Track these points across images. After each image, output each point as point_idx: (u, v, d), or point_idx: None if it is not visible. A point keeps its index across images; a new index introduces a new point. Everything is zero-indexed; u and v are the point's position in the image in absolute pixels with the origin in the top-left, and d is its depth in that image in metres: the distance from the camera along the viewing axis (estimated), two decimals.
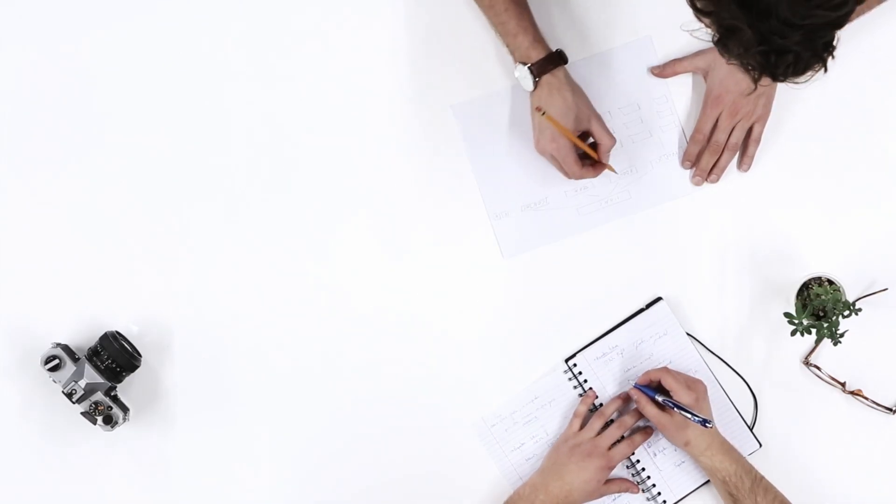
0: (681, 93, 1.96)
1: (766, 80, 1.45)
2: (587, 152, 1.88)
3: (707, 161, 1.94)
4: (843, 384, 1.92)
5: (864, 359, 1.93)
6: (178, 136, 1.95)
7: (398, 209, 1.95)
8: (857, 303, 1.85)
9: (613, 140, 1.88)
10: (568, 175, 1.88)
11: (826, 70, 1.44)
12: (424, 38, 1.94)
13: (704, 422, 1.82)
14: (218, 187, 1.95)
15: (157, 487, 1.94)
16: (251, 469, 1.94)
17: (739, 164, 1.95)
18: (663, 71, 1.95)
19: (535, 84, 1.85)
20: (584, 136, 1.89)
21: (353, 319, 1.95)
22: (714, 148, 1.93)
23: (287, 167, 1.95)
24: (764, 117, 1.92)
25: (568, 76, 1.86)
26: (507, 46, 1.87)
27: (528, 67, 1.84)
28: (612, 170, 1.91)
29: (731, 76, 1.89)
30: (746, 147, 1.94)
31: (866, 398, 1.92)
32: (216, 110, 1.95)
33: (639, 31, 1.95)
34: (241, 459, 1.94)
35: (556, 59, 1.85)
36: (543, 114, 1.82)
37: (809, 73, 1.44)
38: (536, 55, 1.84)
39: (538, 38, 1.85)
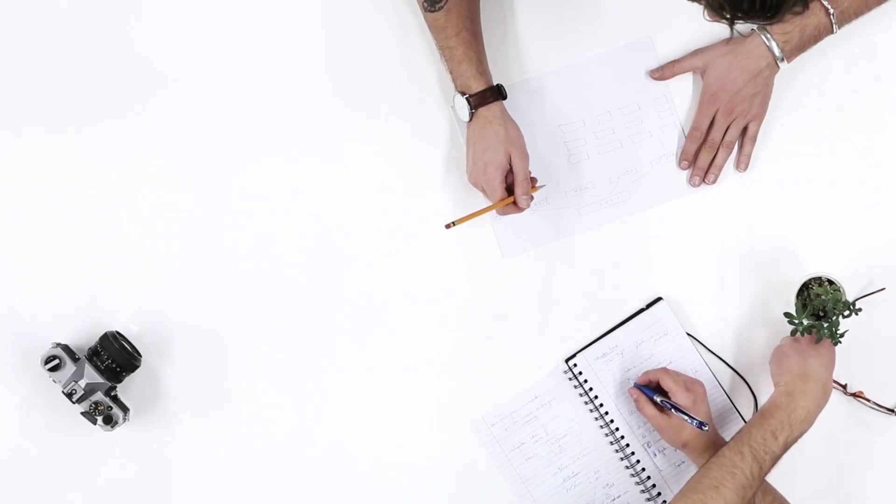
0: (680, 93, 1.96)
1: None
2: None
3: (704, 159, 1.94)
4: (844, 386, 1.92)
5: (864, 359, 1.93)
6: (178, 137, 1.95)
7: (398, 209, 1.95)
8: (856, 303, 1.85)
9: (527, 188, 1.84)
10: (526, 187, 1.85)
11: (805, 8, 1.43)
12: (424, 39, 1.94)
13: (701, 424, 1.82)
14: (218, 187, 1.95)
15: (157, 487, 1.94)
16: (251, 469, 1.94)
17: (737, 164, 1.96)
18: (662, 73, 1.95)
19: (471, 115, 1.84)
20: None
21: (353, 319, 1.95)
22: (710, 146, 1.93)
23: (287, 167, 1.95)
24: (760, 116, 1.92)
25: (503, 111, 1.85)
26: (450, 72, 1.86)
27: (467, 98, 1.84)
28: (520, 206, 1.86)
29: (728, 74, 1.89)
30: (743, 146, 1.95)
31: (868, 400, 1.92)
32: (216, 110, 1.95)
33: (639, 31, 1.95)
34: (241, 459, 1.94)
35: (495, 94, 1.84)
36: (451, 225, 1.84)
37: (783, 14, 1.43)
38: (477, 87, 1.83)
39: (482, 69, 1.84)
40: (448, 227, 1.83)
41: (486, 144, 1.84)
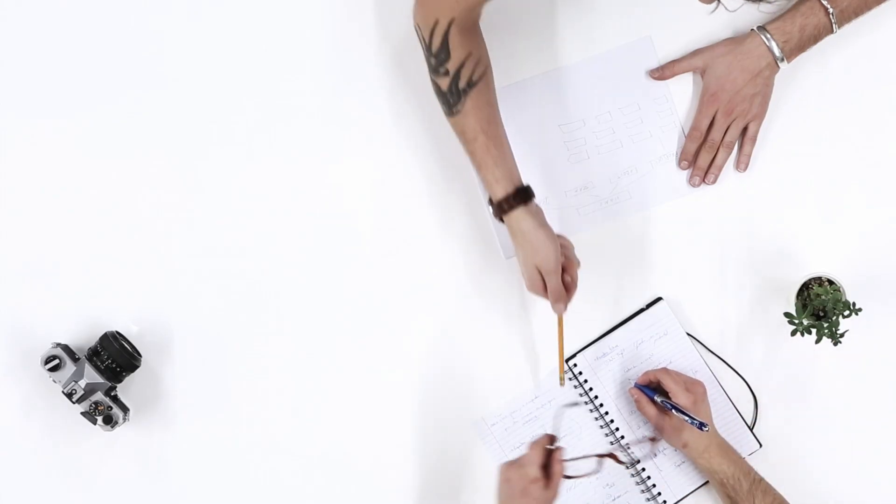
0: (681, 93, 1.96)
1: None
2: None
3: (704, 159, 1.94)
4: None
5: (865, 359, 1.94)
6: (178, 137, 1.95)
7: (399, 209, 1.95)
8: (856, 303, 1.85)
9: (559, 297, 1.82)
10: (556, 297, 1.82)
11: None
12: None
13: (701, 425, 1.82)
14: (218, 187, 1.95)
15: (157, 487, 1.94)
16: (251, 469, 1.94)
17: (737, 164, 1.96)
18: (662, 73, 1.95)
19: (501, 222, 1.81)
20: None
21: (353, 319, 1.95)
22: (710, 146, 1.93)
23: (287, 167, 1.95)
24: (760, 116, 1.92)
25: (527, 219, 1.78)
26: (478, 176, 1.83)
27: (490, 205, 1.81)
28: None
29: (728, 75, 1.89)
30: (743, 146, 1.95)
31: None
32: (216, 110, 1.95)
33: (639, 31, 1.95)
34: (241, 459, 1.94)
35: (518, 199, 1.78)
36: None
37: None
38: (495, 194, 1.79)
39: (499, 175, 1.78)
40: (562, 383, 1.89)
41: (521, 258, 1.81)
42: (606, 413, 1.94)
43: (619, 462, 1.89)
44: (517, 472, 1.76)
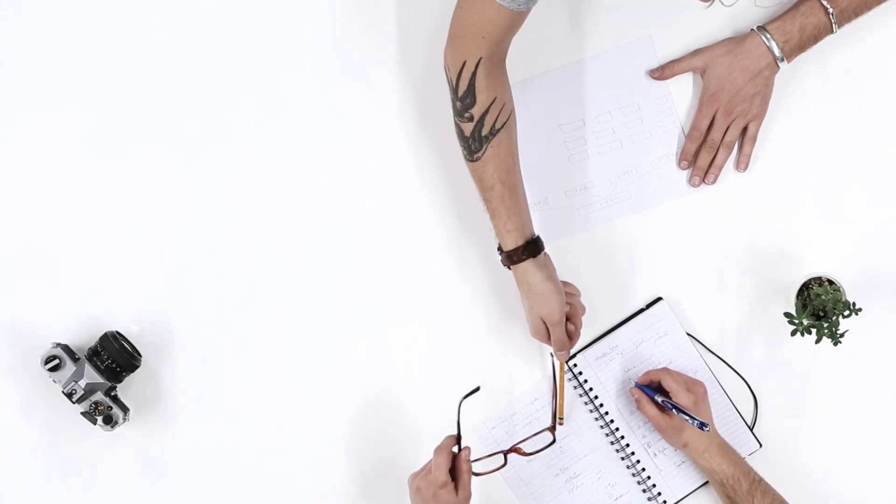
0: (680, 93, 1.96)
1: None
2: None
3: (704, 159, 1.94)
4: None
5: (865, 359, 1.93)
6: (178, 137, 1.95)
7: (398, 209, 1.95)
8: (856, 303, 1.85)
9: (562, 346, 1.85)
10: (560, 347, 1.85)
11: None
12: (425, 39, 1.94)
13: (702, 425, 1.82)
14: (218, 187, 1.95)
15: (157, 487, 1.94)
16: (251, 468, 1.94)
17: (737, 164, 1.96)
18: (662, 73, 1.95)
19: (509, 268, 1.83)
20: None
21: (353, 319, 1.95)
22: (710, 146, 1.93)
23: (287, 167, 1.95)
24: (759, 116, 1.92)
25: (533, 271, 1.80)
26: (491, 224, 1.83)
27: (499, 252, 1.83)
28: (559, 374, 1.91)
29: (728, 75, 1.89)
30: (743, 146, 1.95)
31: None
32: (216, 110, 1.95)
33: (639, 31, 1.95)
34: (241, 459, 1.94)
35: (527, 251, 1.80)
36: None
37: None
38: (505, 244, 1.81)
39: (512, 226, 1.80)
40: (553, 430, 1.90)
41: (526, 307, 1.84)
42: (606, 413, 1.94)
43: (525, 454, 1.88)
44: (424, 480, 1.77)
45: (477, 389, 1.82)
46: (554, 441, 1.89)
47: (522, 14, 1.73)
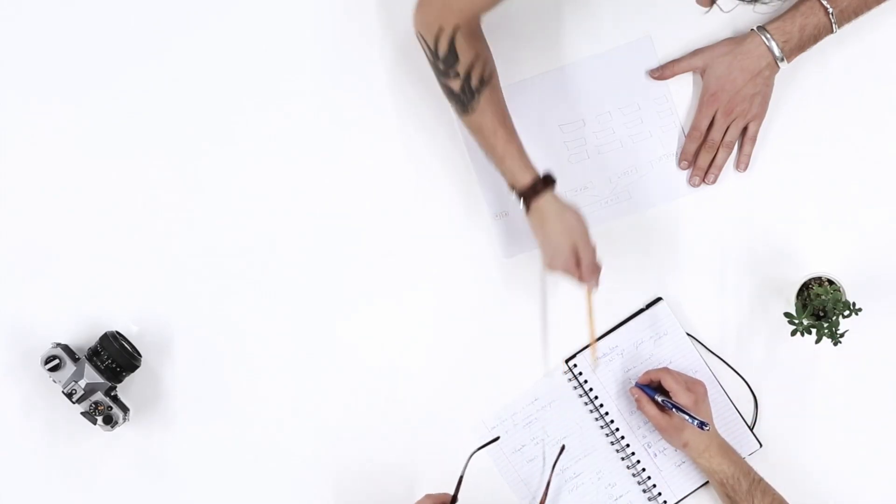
0: (680, 93, 1.96)
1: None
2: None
3: (704, 159, 1.94)
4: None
5: (865, 359, 1.93)
6: (178, 137, 1.95)
7: (398, 209, 1.95)
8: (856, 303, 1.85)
9: (592, 273, 1.84)
10: (586, 275, 1.84)
11: None
12: None
13: (702, 424, 1.82)
14: (218, 188, 1.95)
15: (157, 487, 1.94)
16: (251, 469, 1.94)
17: (737, 164, 1.96)
18: (662, 73, 1.95)
19: (527, 208, 1.82)
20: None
21: (353, 319, 1.95)
22: (710, 146, 1.93)
23: (286, 168, 1.95)
24: (759, 116, 1.93)
25: (556, 200, 1.81)
26: (497, 169, 1.84)
27: (517, 194, 1.82)
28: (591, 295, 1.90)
29: (728, 75, 1.89)
30: (743, 146, 1.95)
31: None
32: (216, 111, 1.96)
33: (639, 31, 1.95)
34: (241, 459, 1.94)
35: (545, 184, 1.81)
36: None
37: None
38: (524, 180, 1.81)
39: (525, 162, 1.81)
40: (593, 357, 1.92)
41: (554, 239, 1.82)
42: (606, 413, 1.94)
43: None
44: None
45: (496, 439, 1.89)
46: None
47: (496, 2, 1.75)
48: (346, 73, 1.96)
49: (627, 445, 1.94)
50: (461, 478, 1.86)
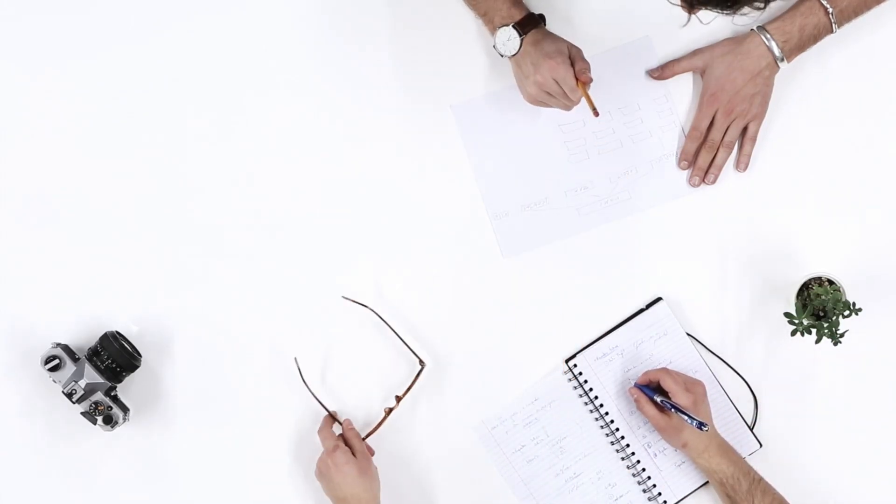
0: (680, 93, 1.96)
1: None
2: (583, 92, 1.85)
3: (704, 159, 1.94)
4: None
5: (865, 359, 1.93)
6: (178, 137, 1.95)
7: (398, 209, 1.95)
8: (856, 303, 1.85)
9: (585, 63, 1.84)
10: (568, 101, 1.83)
11: (766, 4, 1.46)
12: (424, 38, 1.94)
13: (701, 424, 1.82)
14: (218, 188, 1.95)
15: (157, 487, 1.94)
16: (251, 469, 1.94)
17: (737, 164, 1.96)
18: (662, 72, 1.95)
19: (521, 44, 1.82)
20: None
21: (353, 319, 1.95)
22: (710, 146, 1.93)
23: (286, 168, 1.95)
24: (759, 116, 1.92)
25: (548, 31, 1.85)
26: (486, 14, 1.84)
27: (513, 26, 1.82)
28: (592, 105, 1.85)
29: (728, 74, 1.89)
30: (743, 146, 1.95)
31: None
32: (216, 111, 1.96)
33: (638, 31, 1.95)
34: (241, 459, 1.94)
35: (537, 20, 1.84)
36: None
37: (741, 6, 1.46)
38: (519, 14, 1.82)
39: (517, 1, 1.84)
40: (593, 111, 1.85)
41: (545, 46, 1.82)
42: (607, 413, 1.94)
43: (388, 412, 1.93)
44: (320, 460, 1.87)
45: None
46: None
47: None
48: (345, 73, 1.96)
49: (627, 445, 1.94)
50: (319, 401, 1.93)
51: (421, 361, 1.91)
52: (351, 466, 1.85)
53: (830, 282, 1.88)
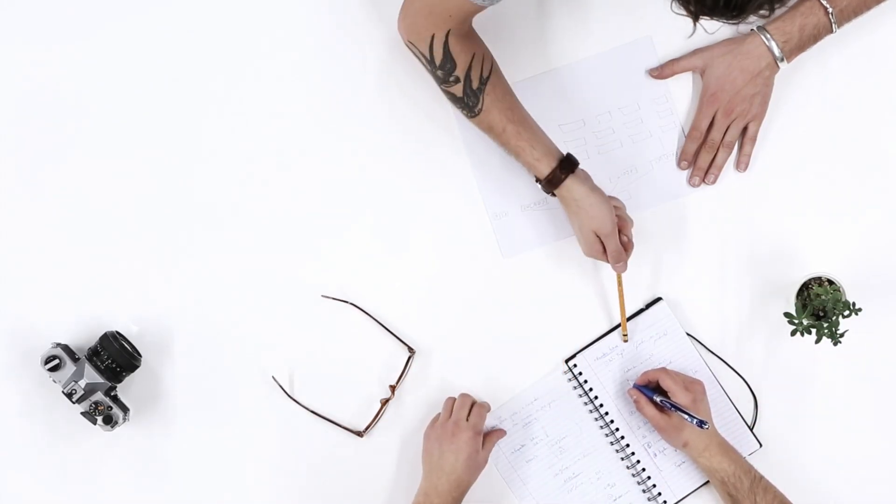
0: (680, 93, 1.96)
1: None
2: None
3: (704, 159, 1.94)
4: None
5: (865, 359, 1.93)
6: (178, 137, 1.95)
7: (398, 209, 1.95)
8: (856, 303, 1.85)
9: (618, 258, 1.85)
10: (617, 258, 1.85)
11: (772, 11, 1.47)
12: None
13: (701, 423, 1.82)
14: (218, 188, 1.95)
15: (157, 487, 1.94)
16: (251, 469, 1.94)
17: (737, 164, 1.96)
18: (662, 72, 1.95)
19: (554, 195, 1.84)
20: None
21: (353, 320, 1.95)
22: (710, 146, 1.93)
23: (287, 168, 1.95)
24: (759, 116, 1.93)
25: (578, 186, 1.82)
26: (520, 163, 1.85)
27: (538, 183, 1.84)
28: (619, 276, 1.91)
29: (728, 75, 1.90)
30: (743, 146, 1.95)
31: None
32: (216, 111, 1.96)
33: (639, 31, 1.95)
34: (241, 459, 1.94)
35: (564, 170, 1.81)
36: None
37: (747, 15, 1.47)
38: (542, 170, 1.82)
39: (539, 153, 1.82)
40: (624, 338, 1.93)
41: (577, 226, 1.84)
42: (606, 413, 1.94)
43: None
44: (441, 424, 1.86)
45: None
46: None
47: (485, 7, 1.76)
48: (344, 73, 1.96)
49: (627, 445, 1.94)
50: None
51: (410, 349, 1.92)
52: (472, 448, 1.83)
53: (830, 282, 1.88)
